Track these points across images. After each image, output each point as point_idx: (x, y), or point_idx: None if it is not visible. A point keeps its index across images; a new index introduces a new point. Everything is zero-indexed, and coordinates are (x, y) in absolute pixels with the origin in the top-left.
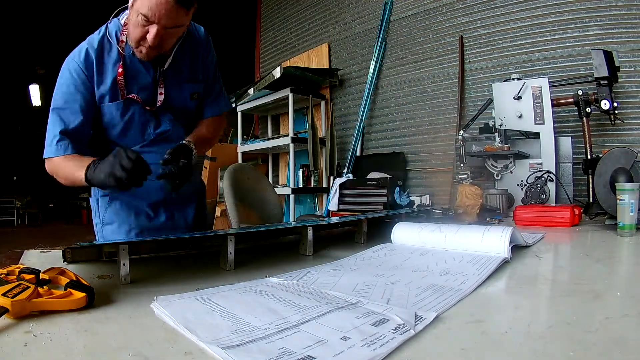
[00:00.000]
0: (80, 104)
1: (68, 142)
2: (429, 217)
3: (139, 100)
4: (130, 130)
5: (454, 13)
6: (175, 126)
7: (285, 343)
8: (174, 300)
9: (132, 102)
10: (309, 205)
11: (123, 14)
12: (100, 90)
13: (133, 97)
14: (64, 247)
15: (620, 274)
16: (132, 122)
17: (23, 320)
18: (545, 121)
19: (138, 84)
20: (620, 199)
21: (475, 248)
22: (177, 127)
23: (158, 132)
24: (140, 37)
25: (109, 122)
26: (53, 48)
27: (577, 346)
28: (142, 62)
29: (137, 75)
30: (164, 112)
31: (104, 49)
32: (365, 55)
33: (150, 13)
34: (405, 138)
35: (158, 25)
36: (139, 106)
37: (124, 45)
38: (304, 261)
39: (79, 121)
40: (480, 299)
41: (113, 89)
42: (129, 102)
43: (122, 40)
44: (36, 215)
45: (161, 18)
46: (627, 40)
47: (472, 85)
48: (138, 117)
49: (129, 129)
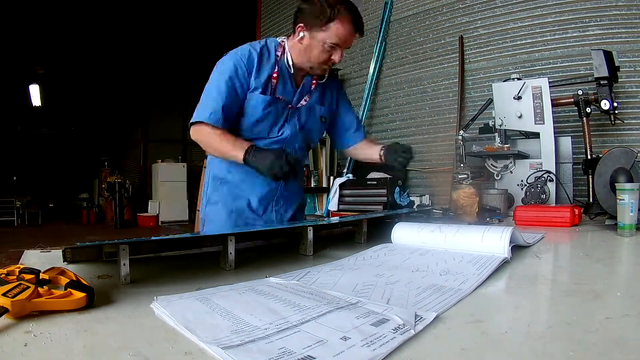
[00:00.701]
0: (237, 87)
1: (221, 117)
2: (429, 217)
3: (283, 99)
4: (263, 124)
5: (454, 13)
6: (295, 135)
7: (285, 343)
8: (174, 300)
9: (276, 101)
10: (309, 205)
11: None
12: (254, 83)
13: (279, 97)
14: (64, 247)
15: (620, 274)
16: (267, 117)
17: (23, 320)
18: (545, 121)
19: (283, 88)
20: (620, 199)
21: (475, 248)
22: (297, 137)
23: (281, 133)
24: (326, 60)
25: (251, 111)
26: (53, 48)
27: (577, 346)
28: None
29: (284, 84)
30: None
31: (263, 54)
32: (365, 55)
33: (340, 41)
34: (405, 138)
35: (342, 49)
36: (280, 105)
37: (279, 58)
38: (304, 261)
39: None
40: (480, 299)
41: (265, 85)
42: (274, 100)
43: (278, 55)
44: (36, 215)
45: (347, 43)
46: (627, 40)
47: (472, 85)
48: (273, 115)
49: (262, 122)
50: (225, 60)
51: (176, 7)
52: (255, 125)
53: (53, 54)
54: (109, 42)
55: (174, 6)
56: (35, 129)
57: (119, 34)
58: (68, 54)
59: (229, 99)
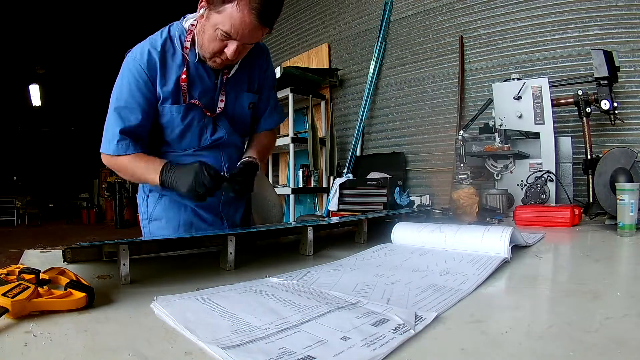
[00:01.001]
0: (141, 103)
1: (129, 142)
2: (429, 217)
3: (200, 105)
4: (188, 134)
5: (454, 13)
6: (230, 134)
7: (285, 343)
8: (174, 300)
9: (193, 107)
10: (309, 205)
11: (185, 18)
12: (162, 92)
13: (195, 102)
14: (64, 247)
15: (620, 274)
16: (190, 126)
17: (23, 320)
18: (545, 121)
19: (200, 89)
20: (620, 199)
21: (475, 248)
22: (232, 135)
23: (214, 138)
24: (217, 51)
25: (168, 123)
26: (53, 48)
27: (577, 346)
28: (205, 69)
29: (200, 81)
30: (222, 119)
31: (167, 52)
32: (365, 55)
33: (232, 30)
34: (405, 138)
35: (238, 42)
36: (199, 111)
37: (188, 51)
38: (304, 261)
39: (140, 120)
40: (480, 299)
41: (175, 92)
42: (190, 106)
43: (187, 47)
44: (36, 215)
45: (244, 36)
46: (627, 40)
47: (472, 85)
48: (197, 122)
49: (187, 133)
50: (123, 68)
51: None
52: (181, 140)
53: (53, 54)
54: (109, 42)
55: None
56: (35, 129)
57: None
58: (68, 54)
59: (133, 117)
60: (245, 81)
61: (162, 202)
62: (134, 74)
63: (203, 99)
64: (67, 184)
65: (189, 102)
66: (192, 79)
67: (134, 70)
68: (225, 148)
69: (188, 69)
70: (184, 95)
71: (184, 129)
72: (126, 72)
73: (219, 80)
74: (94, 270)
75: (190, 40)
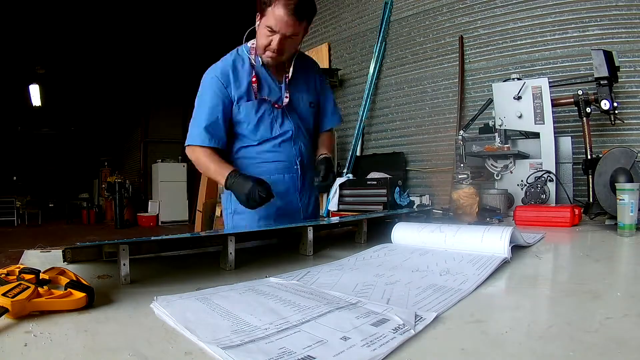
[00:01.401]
0: (218, 105)
1: (207, 137)
2: (429, 217)
3: (269, 99)
4: (261, 125)
5: (454, 13)
6: (297, 128)
7: (285, 343)
8: (174, 300)
9: (263, 102)
10: None
11: (250, 42)
12: (237, 93)
13: (265, 97)
14: (64, 247)
15: (620, 274)
16: (262, 118)
17: (23, 320)
18: (545, 121)
19: (267, 89)
20: (620, 199)
21: (476, 248)
22: (299, 129)
23: (283, 129)
24: (266, 44)
25: (245, 118)
26: (53, 48)
27: (577, 346)
28: (269, 73)
29: (266, 82)
30: (289, 113)
31: (237, 63)
32: (365, 55)
33: (274, 24)
34: (405, 138)
35: (280, 35)
36: (269, 105)
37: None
38: (304, 261)
39: (219, 118)
40: (480, 299)
41: (248, 92)
42: (261, 101)
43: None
44: (36, 215)
45: (281, 28)
46: (627, 40)
47: (472, 85)
48: (268, 115)
49: (260, 124)
50: (202, 82)
51: (176, 7)
52: (256, 130)
53: (53, 54)
54: (109, 42)
55: (174, 6)
56: (35, 129)
57: (119, 34)
58: (68, 54)
59: (212, 118)
60: (304, 84)
61: None
62: (212, 82)
63: (270, 95)
64: (67, 184)
65: (260, 98)
66: (260, 81)
67: (211, 79)
68: (295, 141)
69: (256, 73)
70: (255, 94)
71: (257, 121)
72: (205, 84)
73: (283, 82)
74: (94, 270)
75: (253, 54)
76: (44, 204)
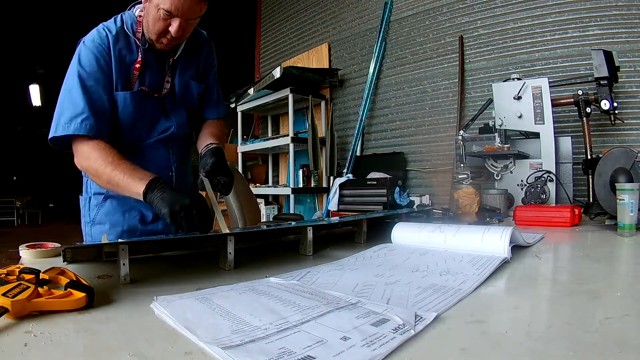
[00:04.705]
0: (105, 83)
1: (93, 123)
2: (429, 217)
3: (146, 89)
4: (139, 126)
5: (454, 13)
6: (181, 126)
7: (285, 343)
8: (174, 300)
9: (143, 93)
10: (309, 206)
11: (135, 7)
12: (115, 78)
13: (143, 88)
14: (64, 247)
15: (620, 274)
16: (143, 113)
17: (23, 320)
18: (545, 121)
19: (149, 75)
20: (620, 199)
21: (475, 248)
22: (182, 127)
23: (165, 127)
24: (162, 31)
25: (122, 111)
26: (53, 48)
27: (577, 346)
28: (153, 55)
29: (149, 67)
30: (173, 107)
31: (121, 39)
32: (365, 55)
33: (173, 8)
34: (405, 138)
35: (181, 19)
36: (150, 97)
37: (140, 37)
38: (304, 261)
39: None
40: (480, 299)
41: (128, 79)
42: (141, 92)
43: (138, 32)
44: (36, 215)
45: (184, 12)
46: (627, 40)
47: (472, 85)
48: (149, 110)
49: (137, 121)
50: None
51: None
52: (133, 128)
53: (53, 54)
54: None
55: None
56: (35, 129)
57: None
58: (68, 54)
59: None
60: (192, 67)
61: (107, 205)
62: (96, 53)
63: (151, 83)
64: (67, 184)
65: (140, 89)
66: (144, 67)
67: (96, 49)
68: (173, 144)
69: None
70: (133, 82)
71: (135, 119)
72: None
73: (166, 64)
74: (94, 270)
75: (141, 29)
76: (44, 204)
